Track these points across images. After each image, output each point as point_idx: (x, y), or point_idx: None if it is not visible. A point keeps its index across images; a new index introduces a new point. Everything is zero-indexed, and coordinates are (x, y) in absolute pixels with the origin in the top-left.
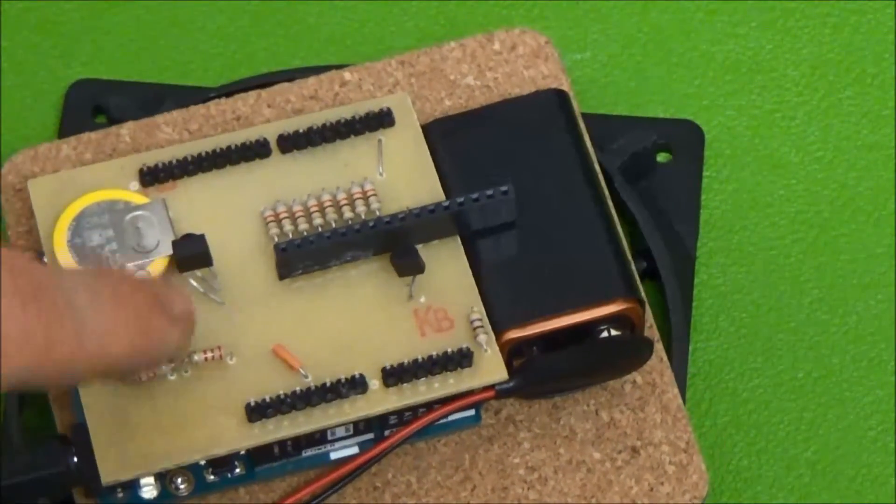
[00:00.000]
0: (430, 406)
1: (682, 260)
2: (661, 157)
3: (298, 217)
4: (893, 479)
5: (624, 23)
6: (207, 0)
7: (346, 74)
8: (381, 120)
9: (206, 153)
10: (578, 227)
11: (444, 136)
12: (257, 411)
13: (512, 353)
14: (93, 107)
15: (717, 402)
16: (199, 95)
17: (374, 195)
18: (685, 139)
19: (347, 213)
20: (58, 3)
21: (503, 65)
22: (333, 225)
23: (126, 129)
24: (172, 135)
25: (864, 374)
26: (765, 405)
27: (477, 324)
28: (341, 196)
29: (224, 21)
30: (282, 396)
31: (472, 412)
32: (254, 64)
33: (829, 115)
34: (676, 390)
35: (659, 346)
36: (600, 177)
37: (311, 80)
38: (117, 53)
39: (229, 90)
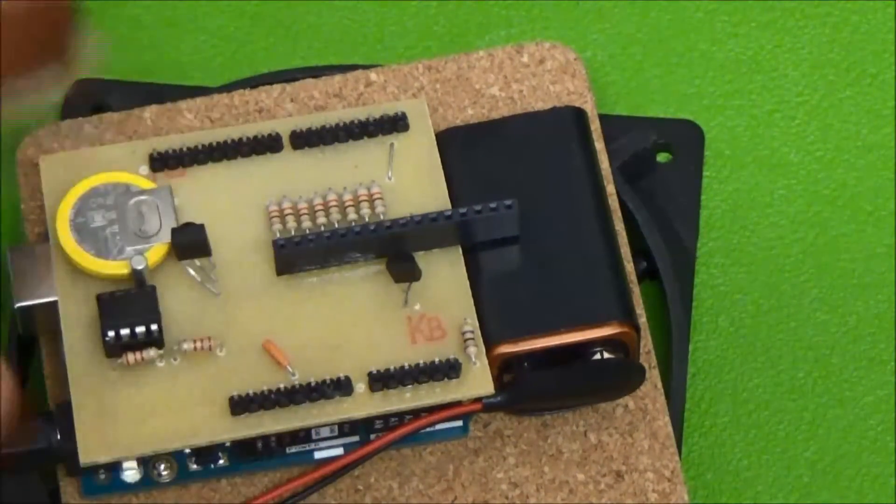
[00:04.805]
0: (415, 413)
1: (682, 260)
2: (661, 157)
3: (302, 215)
4: (893, 479)
5: (624, 23)
6: (207, 0)
7: (372, 75)
8: (396, 124)
9: (218, 143)
10: (581, 247)
11: (456, 144)
12: (241, 405)
13: (503, 367)
14: (93, 106)
15: (717, 402)
16: (198, 95)
17: (380, 199)
18: (685, 139)
19: (352, 215)
20: None
21: (530, 78)
22: (336, 225)
23: (149, 113)
24: (193, 121)
25: (864, 374)
26: (765, 405)
27: (468, 336)
28: (347, 197)
29: (224, 21)
30: (266, 392)
31: (459, 423)
32: (254, 64)
33: (829, 115)
34: (667, 418)
35: (654, 373)
36: (609, 199)
37: (337, 78)
38: (117, 53)
39: (236, 87)
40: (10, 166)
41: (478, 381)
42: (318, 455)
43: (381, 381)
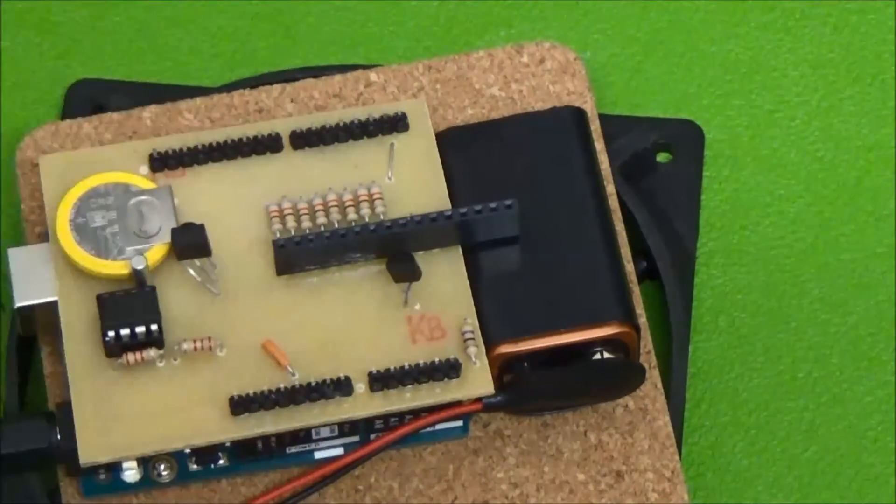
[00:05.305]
0: (415, 414)
1: (682, 260)
2: (661, 157)
3: (302, 215)
4: (893, 479)
5: (624, 23)
6: (207, 0)
7: (372, 75)
8: (396, 124)
9: (218, 143)
10: (581, 247)
11: (456, 144)
12: (241, 405)
13: (503, 367)
14: (93, 107)
15: (717, 402)
16: (198, 95)
17: (380, 199)
18: (685, 139)
19: (352, 215)
20: (58, 2)
21: (530, 78)
22: (336, 225)
23: (148, 113)
24: (193, 122)
25: (864, 374)
26: (765, 405)
27: (468, 336)
28: (347, 197)
29: (224, 21)
30: (266, 392)
31: (459, 423)
32: (254, 64)
33: (829, 115)
34: (668, 418)
35: (654, 373)
36: (609, 199)
37: (337, 79)
38: (117, 53)
39: (237, 87)
40: (9, 166)
41: (478, 381)
42: (318, 455)
43: (381, 381)
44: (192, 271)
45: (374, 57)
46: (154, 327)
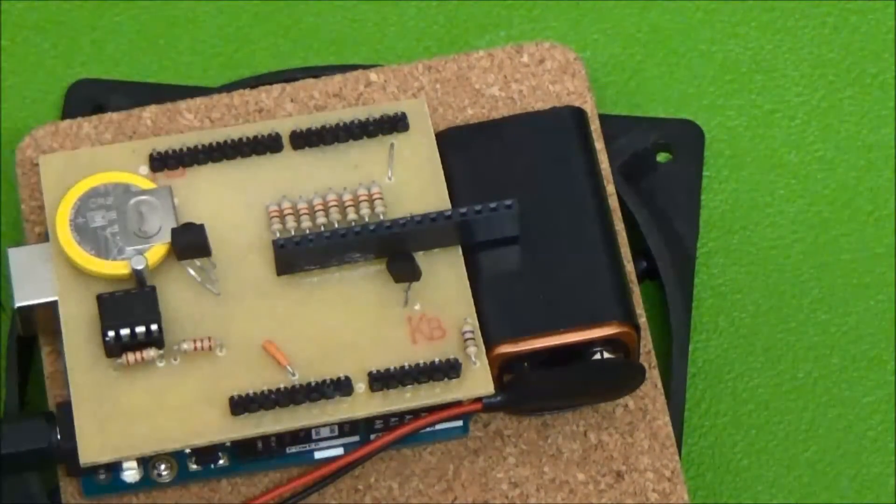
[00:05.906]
0: (415, 414)
1: (682, 260)
2: (661, 157)
3: (302, 215)
4: (893, 479)
5: (624, 23)
6: (207, 0)
7: (372, 75)
8: (396, 124)
9: (218, 143)
10: (581, 247)
11: (456, 144)
12: (241, 405)
13: (503, 367)
14: (93, 107)
15: (717, 402)
16: (198, 95)
17: (380, 199)
18: (685, 139)
19: (351, 215)
20: (58, 2)
21: (530, 78)
22: (336, 225)
23: (148, 113)
24: (193, 121)
25: (864, 374)
26: (765, 405)
27: (468, 335)
28: (347, 197)
29: (224, 21)
30: (266, 392)
31: (459, 423)
32: (254, 64)
33: (829, 115)
34: (668, 418)
35: (654, 373)
36: (609, 199)
37: (337, 78)
38: (117, 53)
39: (236, 87)
40: (9, 166)
41: (478, 380)
42: (318, 455)
43: (382, 381)
44: (192, 271)
45: (374, 57)
46: (154, 327)
